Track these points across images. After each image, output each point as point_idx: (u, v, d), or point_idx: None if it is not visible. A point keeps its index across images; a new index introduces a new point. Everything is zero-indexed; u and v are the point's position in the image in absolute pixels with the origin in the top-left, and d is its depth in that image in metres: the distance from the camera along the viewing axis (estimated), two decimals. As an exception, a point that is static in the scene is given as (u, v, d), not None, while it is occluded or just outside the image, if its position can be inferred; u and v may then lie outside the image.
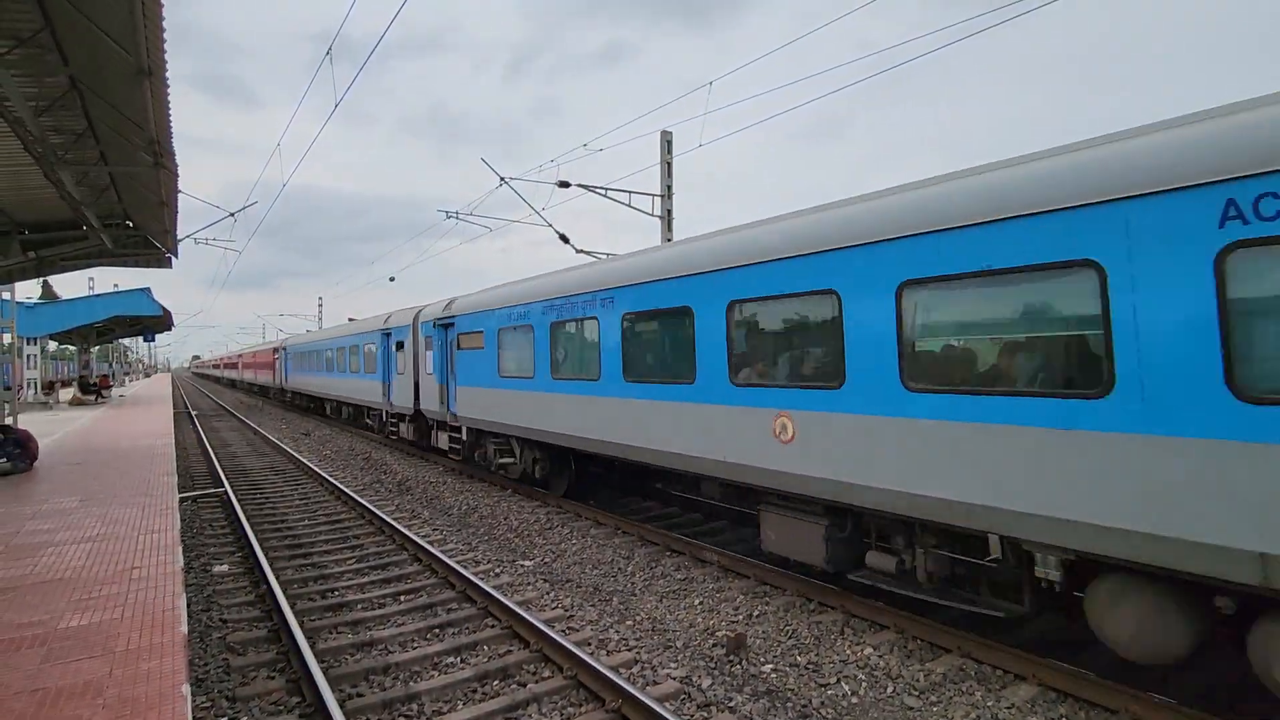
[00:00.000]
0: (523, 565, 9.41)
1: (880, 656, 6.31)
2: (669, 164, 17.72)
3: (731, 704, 5.56)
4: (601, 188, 17.36)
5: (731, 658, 6.44)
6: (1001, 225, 5.46)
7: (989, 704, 5.48)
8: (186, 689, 4.41)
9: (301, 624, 7.01)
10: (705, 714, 5.43)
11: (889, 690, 5.80)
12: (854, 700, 5.67)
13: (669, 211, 17.61)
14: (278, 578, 8.45)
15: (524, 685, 5.90)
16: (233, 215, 16.61)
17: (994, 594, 6.16)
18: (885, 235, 6.32)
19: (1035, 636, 6.54)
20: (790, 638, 6.81)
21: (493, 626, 7.14)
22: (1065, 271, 5.11)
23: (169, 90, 7.77)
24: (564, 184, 17.31)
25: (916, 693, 5.73)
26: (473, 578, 8.05)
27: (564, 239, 17.62)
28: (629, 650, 6.58)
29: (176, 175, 10.48)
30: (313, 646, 6.45)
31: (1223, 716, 4.92)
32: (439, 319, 16.56)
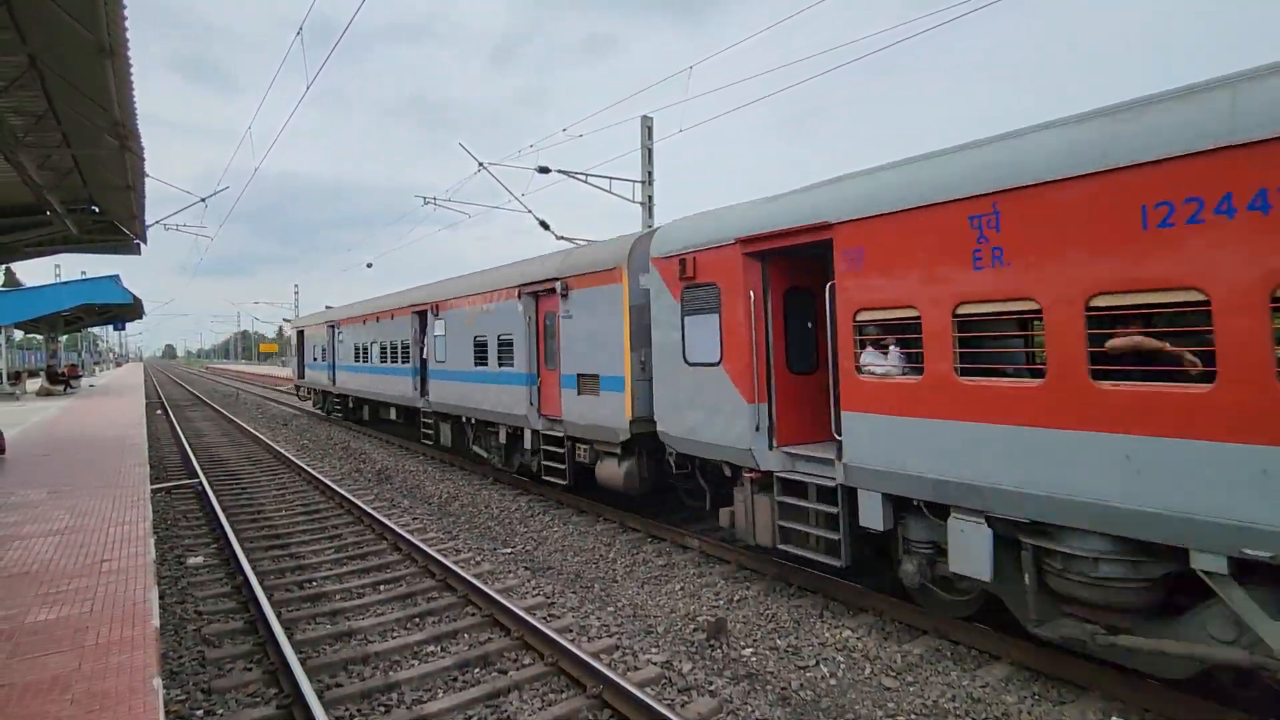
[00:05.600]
0: (503, 553, 9.38)
1: (859, 639, 6.39)
2: (649, 150, 17.59)
3: (712, 688, 5.60)
4: (581, 173, 17.19)
5: (712, 642, 6.48)
6: None
7: (964, 683, 5.57)
8: (158, 682, 4.33)
9: (279, 614, 6.91)
10: (686, 698, 5.46)
11: (867, 671, 5.88)
12: (832, 682, 5.74)
13: (650, 198, 17.50)
14: (254, 569, 8.33)
15: (505, 673, 5.89)
16: (203, 200, 16.22)
17: None
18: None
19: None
20: (770, 621, 6.86)
21: (473, 615, 7.11)
22: None
23: (133, 70, 7.53)
24: (544, 169, 17.11)
25: (894, 673, 5.81)
26: (453, 566, 8.01)
27: (544, 225, 17.43)
28: (610, 636, 6.59)
29: (143, 158, 10.19)
30: (290, 637, 6.36)
31: (1186, 695, 5.05)
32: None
